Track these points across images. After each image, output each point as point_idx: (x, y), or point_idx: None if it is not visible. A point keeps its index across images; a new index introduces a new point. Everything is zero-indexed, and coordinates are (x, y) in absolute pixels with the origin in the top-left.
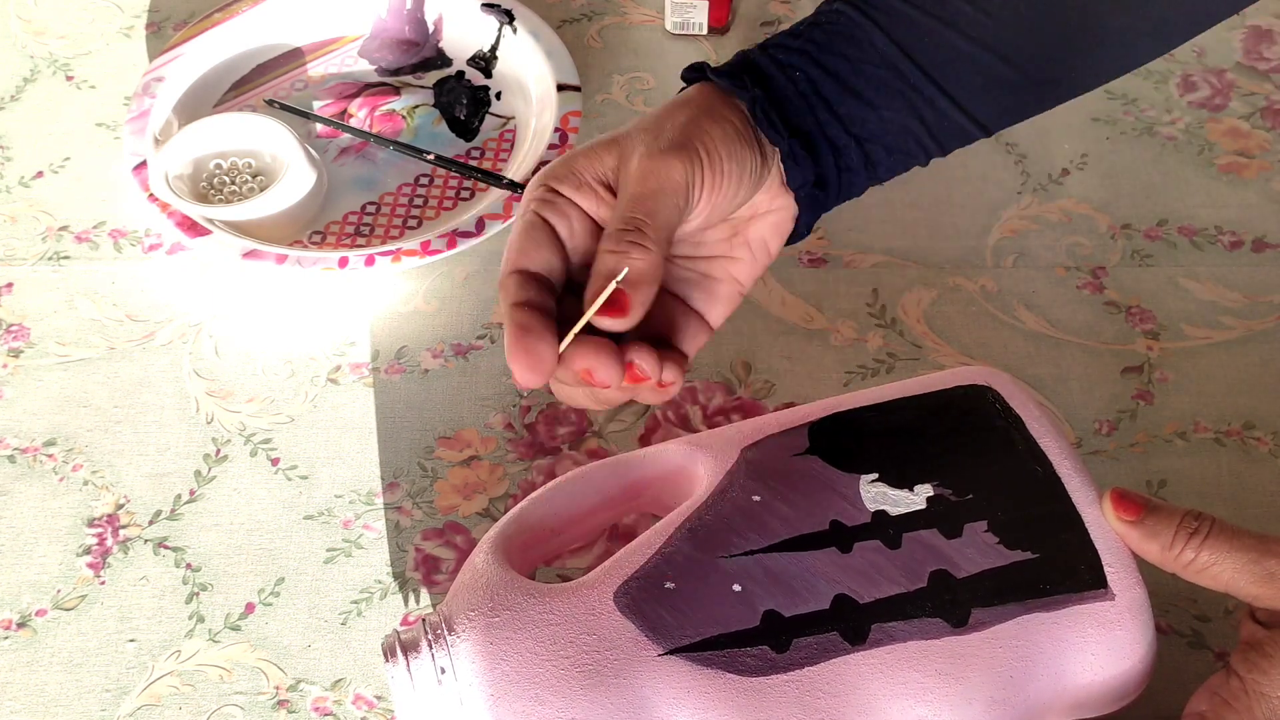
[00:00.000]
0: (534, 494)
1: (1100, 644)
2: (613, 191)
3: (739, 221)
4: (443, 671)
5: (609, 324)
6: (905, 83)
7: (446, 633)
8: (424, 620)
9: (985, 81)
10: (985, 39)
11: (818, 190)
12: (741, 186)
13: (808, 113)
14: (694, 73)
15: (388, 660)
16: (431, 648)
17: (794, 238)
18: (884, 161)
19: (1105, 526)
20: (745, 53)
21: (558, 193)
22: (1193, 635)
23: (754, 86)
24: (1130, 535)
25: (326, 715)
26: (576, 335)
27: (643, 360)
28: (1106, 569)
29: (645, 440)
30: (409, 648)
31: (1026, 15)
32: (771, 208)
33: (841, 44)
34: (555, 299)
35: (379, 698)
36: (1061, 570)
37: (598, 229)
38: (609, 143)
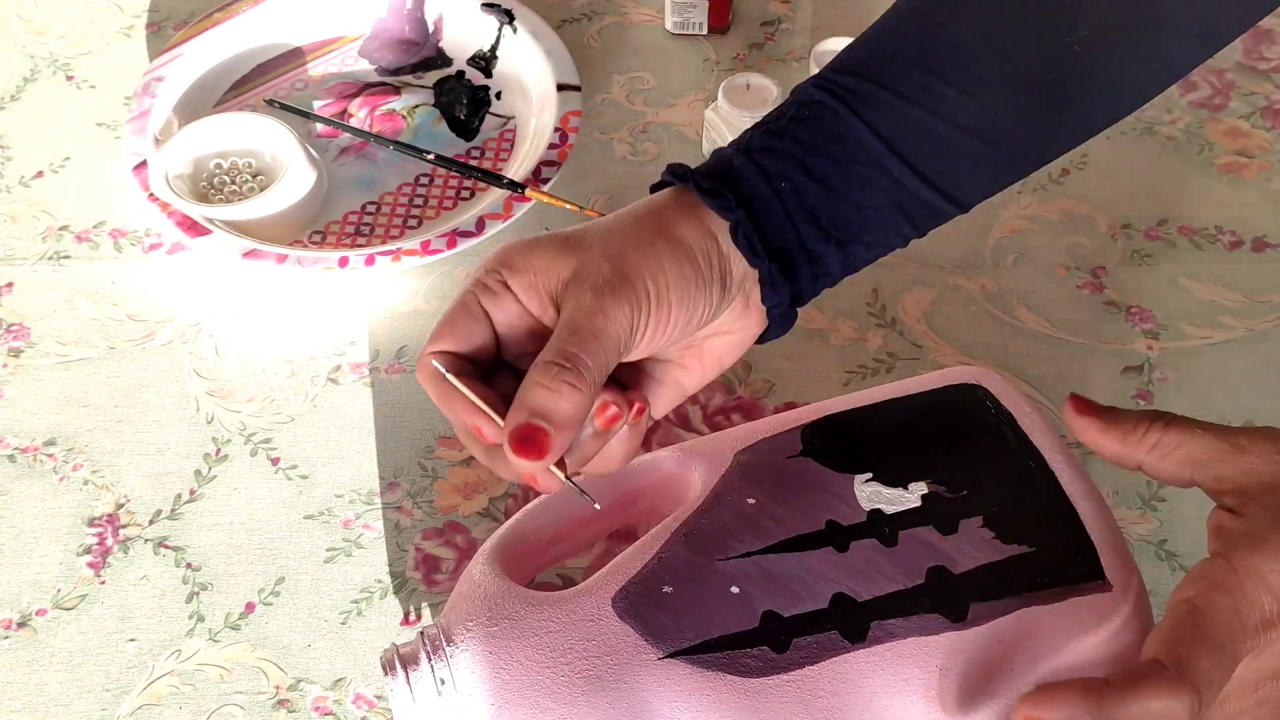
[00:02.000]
0: (530, 504)
1: (1100, 635)
2: (556, 305)
3: (694, 339)
4: (442, 683)
5: (522, 464)
6: (889, 177)
7: (445, 644)
8: (422, 633)
9: (969, 165)
10: (968, 123)
11: (791, 306)
12: (690, 327)
13: (790, 229)
14: (676, 173)
15: (387, 674)
16: (430, 660)
17: (761, 340)
18: (862, 257)
19: (1100, 519)
20: (728, 156)
21: (505, 285)
22: None
23: (739, 207)
24: (1090, 429)
25: (327, 715)
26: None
27: (612, 399)
28: (1103, 561)
29: (645, 441)
30: (408, 661)
31: (1009, 95)
32: (734, 329)
33: (827, 142)
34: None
35: (379, 697)
36: (1058, 563)
37: (535, 330)
38: (569, 246)
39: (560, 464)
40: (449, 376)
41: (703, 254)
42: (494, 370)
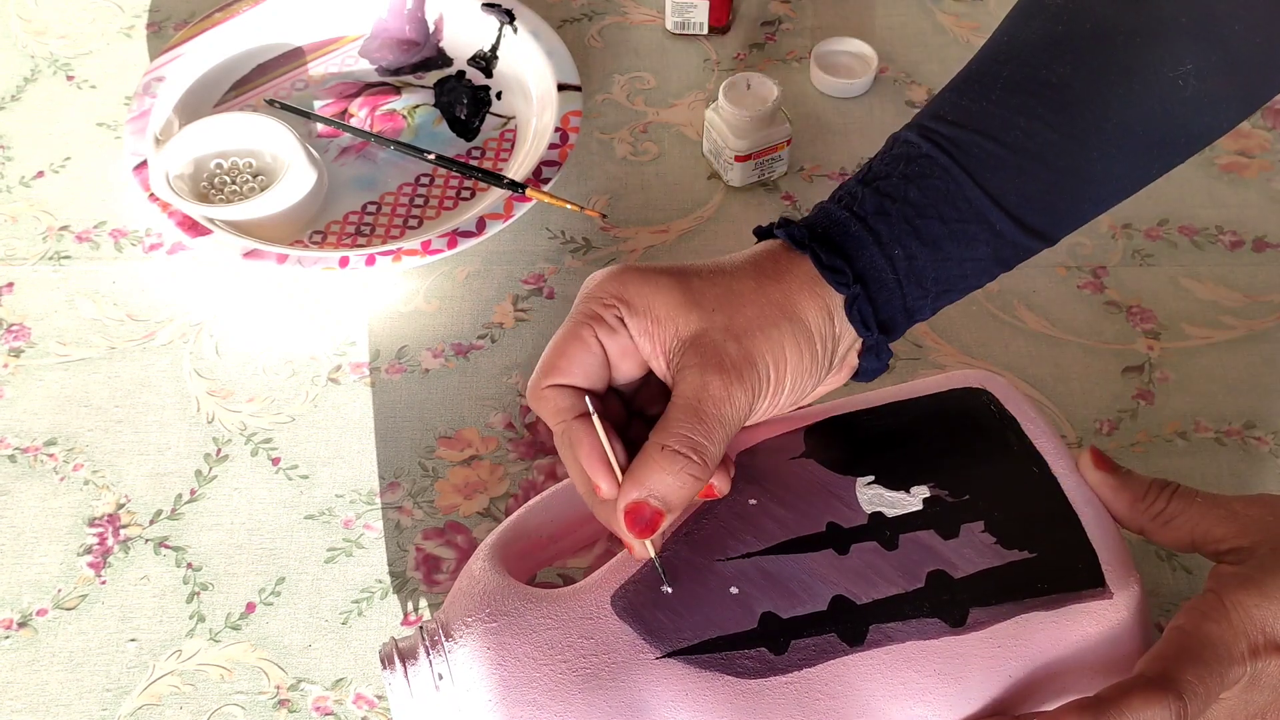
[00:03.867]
0: (531, 501)
1: (1099, 642)
2: (667, 358)
3: None
4: (440, 678)
5: (631, 540)
6: (992, 230)
7: (444, 639)
8: (421, 627)
9: (1068, 206)
10: (1069, 165)
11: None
12: (790, 405)
13: (898, 296)
14: (794, 236)
15: (385, 668)
16: (429, 654)
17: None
18: (950, 301)
19: (1102, 525)
20: (840, 219)
21: (623, 322)
22: None
23: (855, 282)
24: (1105, 486)
25: (327, 715)
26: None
27: (719, 481)
28: (1104, 568)
29: None
30: (406, 655)
31: (1117, 134)
32: (822, 386)
33: (938, 203)
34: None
35: (379, 697)
36: (1059, 569)
37: (639, 366)
38: (691, 300)
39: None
40: (597, 422)
41: (820, 339)
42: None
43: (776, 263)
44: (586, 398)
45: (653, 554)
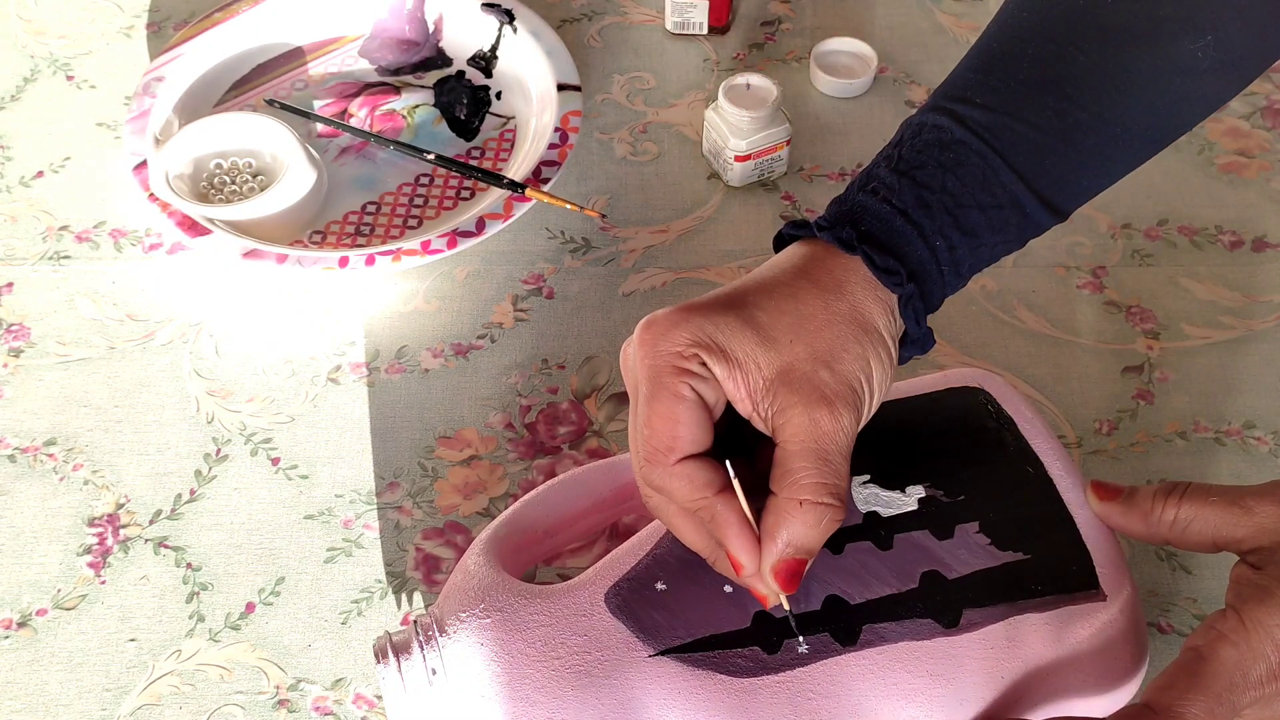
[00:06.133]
0: (526, 496)
1: (1092, 644)
2: (751, 398)
3: None
4: (434, 673)
5: (769, 595)
6: (1022, 214)
7: (438, 634)
8: (415, 622)
9: (1089, 183)
10: (1095, 144)
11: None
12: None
13: (941, 287)
14: (842, 239)
15: (379, 661)
16: (423, 649)
17: None
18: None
19: (1097, 527)
20: (884, 214)
21: (708, 369)
22: None
23: (909, 281)
24: (1114, 514)
25: (327, 715)
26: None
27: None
28: (1098, 570)
29: None
30: (400, 649)
31: (1136, 113)
32: None
33: (976, 191)
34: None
35: (379, 697)
36: (1053, 571)
37: (728, 408)
38: (764, 338)
39: None
40: (741, 497)
41: (891, 339)
42: None
43: (830, 271)
44: (729, 468)
45: (786, 606)
